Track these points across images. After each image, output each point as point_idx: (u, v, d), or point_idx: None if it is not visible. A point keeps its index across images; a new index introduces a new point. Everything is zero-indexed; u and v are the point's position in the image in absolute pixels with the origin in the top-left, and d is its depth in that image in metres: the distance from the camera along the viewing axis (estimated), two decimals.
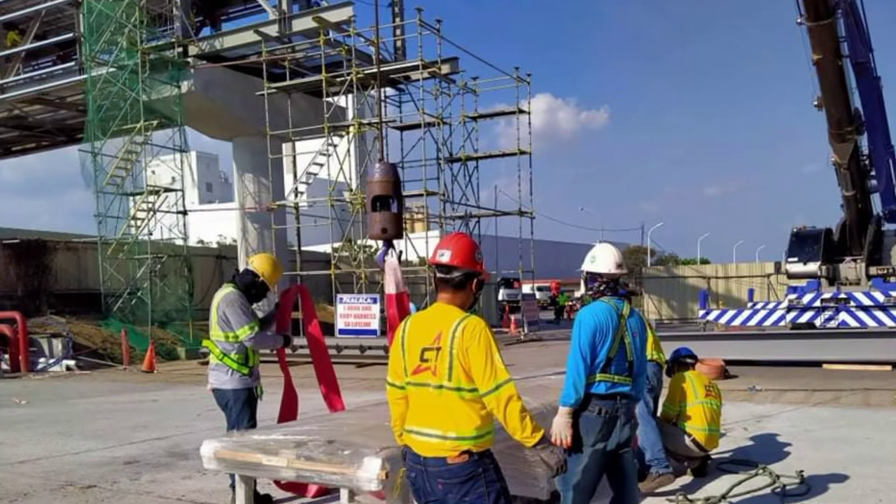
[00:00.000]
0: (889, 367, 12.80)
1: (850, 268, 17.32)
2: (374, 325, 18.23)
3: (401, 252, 12.88)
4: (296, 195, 22.97)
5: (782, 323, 16.50)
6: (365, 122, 22.04)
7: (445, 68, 22.33)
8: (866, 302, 15.53)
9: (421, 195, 23.66)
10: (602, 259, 4.12)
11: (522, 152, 25.37)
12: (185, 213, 22.96)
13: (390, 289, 5.78)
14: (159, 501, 6.06)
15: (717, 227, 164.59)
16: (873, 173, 16.86)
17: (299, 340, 7.68)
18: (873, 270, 16.91)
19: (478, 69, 42.11)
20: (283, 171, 24.54)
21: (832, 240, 17.92)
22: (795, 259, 17.79)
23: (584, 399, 3.85)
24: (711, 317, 17.87)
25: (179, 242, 23.32)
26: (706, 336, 15.88)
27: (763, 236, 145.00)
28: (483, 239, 23.84)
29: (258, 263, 5.78)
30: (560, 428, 3.84)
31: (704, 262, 51.01)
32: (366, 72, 21.22)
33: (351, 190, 23.06)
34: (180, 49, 22.07)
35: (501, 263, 28.98)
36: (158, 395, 13.37)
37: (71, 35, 23.83)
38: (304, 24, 21.09)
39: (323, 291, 23.98)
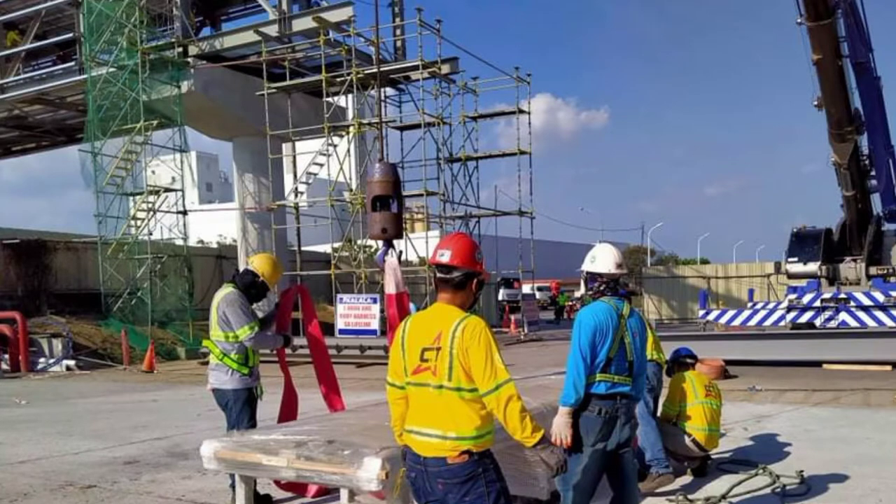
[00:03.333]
0: (889, 367, 12.80)
1: (850, 268, 17.29)
2: (374, 325, 18.23)
3: (401, 252, 12.86)
4: (296, 195, 22.97)
5: (782, 323, 16.48)
6: (365, 122, 22.04)
7: (445, 68, 22.32)
8: (866, 302, 15.52)
9: (421, 195, 23.67)
10: (602, 259, 4.12)
11: (522, 152, 25.37)
12: (185, 213, 22.95)
13: (390, 289, 5.78)
14: (159, 501, 6.06)
15: (717, 227, 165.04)
16: (873, 173, 16.85)
17: (299, 340, 7.68)
18: (873, 270, 16.88)
19: (478, 69, 42.26)
20: (283, 171, 24.54)
21: (832, 240, 17.89)
22: (795, 259, 17.77)
23: (584, 399, 3.86)
24: (711, 317, 17.85)
25: (179, 242, 23.31)
26: (706, 336, 15.87)
27: (763, 236, 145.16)
28: (483, 239, 23.82)
29: (258, 263, 5.78)
30: (560, 428, 3.84)
31: (704, 262, 50.99)
32: (366, 72, 21.21)
33: (351, 190, 23.07)
34: (180, 49, 22.05)
35: (501, 263, 28.95)
36: (158, 395, 13.37)
37: (71, 35, 23.83)
38: (304, 24, 21.10)
39: (323, 291, 23.97)
